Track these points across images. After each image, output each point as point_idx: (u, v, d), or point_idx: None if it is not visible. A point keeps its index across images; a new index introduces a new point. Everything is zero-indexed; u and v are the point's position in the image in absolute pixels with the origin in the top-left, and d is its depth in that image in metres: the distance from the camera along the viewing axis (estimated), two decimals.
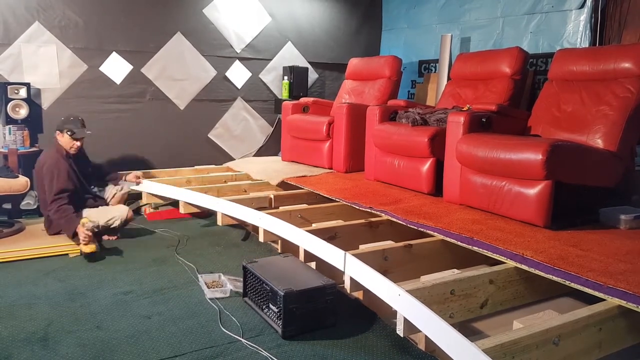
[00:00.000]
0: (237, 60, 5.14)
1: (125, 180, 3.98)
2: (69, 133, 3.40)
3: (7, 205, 3.93)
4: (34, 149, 4.14)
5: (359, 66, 5.04)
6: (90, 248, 3.06)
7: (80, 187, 3.54)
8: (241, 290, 2.55)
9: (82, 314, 2.37)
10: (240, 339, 2.16)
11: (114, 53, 4.51)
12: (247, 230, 3.71)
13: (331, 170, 4.42)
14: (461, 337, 1.65)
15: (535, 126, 3.39)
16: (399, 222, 2.88)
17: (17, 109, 4.04)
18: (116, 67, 4.54)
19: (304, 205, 3.50)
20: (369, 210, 3.13)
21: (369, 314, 2.41)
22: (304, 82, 5.33)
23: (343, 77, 5.32)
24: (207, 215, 4.04)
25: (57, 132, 3.43)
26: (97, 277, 2.84)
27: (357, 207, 3.23)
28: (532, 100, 3.93)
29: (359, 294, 2.48)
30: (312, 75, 5.59)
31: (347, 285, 2.34)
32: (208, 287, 2.58)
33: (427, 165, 3.45)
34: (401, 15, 5.62)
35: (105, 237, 3.42)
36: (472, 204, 3.07)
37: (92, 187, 3.85)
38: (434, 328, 1.79)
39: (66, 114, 3.56)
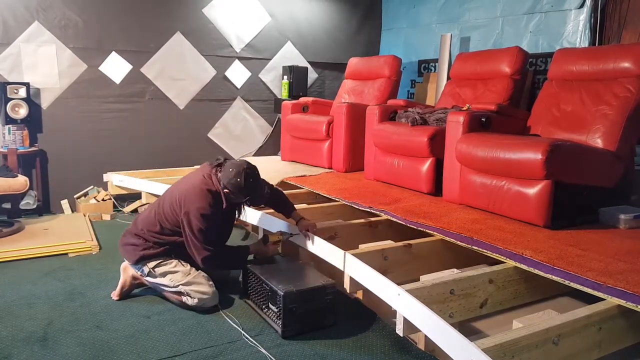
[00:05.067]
0: (237, 60, 5.14)
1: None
2: (248, 204, 2.71)
3: (7, 205, 3.93)
4: (33, 148, 4.14)
5: (358, 66, 5.04)
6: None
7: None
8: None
9: (82, 313, 2.37)
10: (240, 338, 2.16)
11: (113, 53, 4.51)
12: (246, 230, 3.70)
13: (331, 170, 4.42)
14: (461, 337, 1.65)
15: (535, 126, 3.39)
16: (399, 221, 2.88)
17: (16, 109, 4.04)
18: (116, 67, 4.54)
19: (304, 205, 3.50)
20: (369, 210, 3.13)
21: (368, 314, 2.41)
22: (304, 82, 5.32)
23: (343, 77, 5.32)
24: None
25: (226, 190, 2.41)
26: (96, 277, 2.84)
27: (357, 207, 3.22)
28: (531, 100, 3.93)
29: (359, 294, 2.48)
30: (312, 75, 5.59)
31: (347, 285, 2.34)
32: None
33: (426, 165, 3.45)
34: (401, 15, 5.62)
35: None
36: (471, 204, 3.07)
37: None
38: (434, 328, 1.79)
39: (235, 173, 2.37)
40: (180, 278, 2.43)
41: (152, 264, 2.47)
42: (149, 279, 2.50)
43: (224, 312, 2.40)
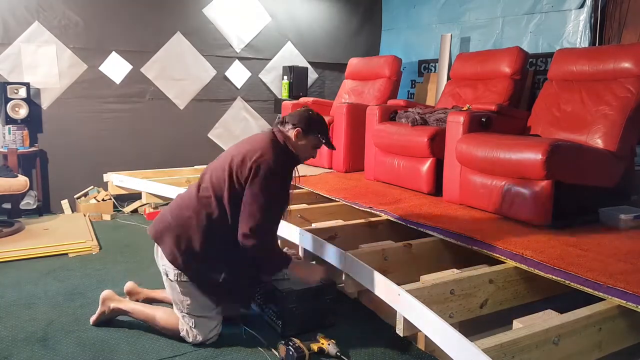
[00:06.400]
0: (237, 60, 5.14)
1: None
2: (323, 140, 2.22)
3: (7, 205, 3.93)
4: (33, 148, 4.14)
5: (358, 66, 5.04)
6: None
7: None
8: None
9: (82, 314, 2.37)
10: (240, 338, 2.16)
11: (113, 53, 4.51)
12: None
13: (331, 170, 4.42)
14: (461, 337, 1.65)
15: (535, 126, 3.39)
16: (399, 222, 2.88)
17: (16, 109, 4.04)
18: (116, 67, 4.54)
19: (304, 205, 3.50)
20: (369, 210, 3.13)
21: (368, 314, 2.40)
22: (304, 82, 5.32)
23: (343, 77, 5.32)
24: None
25: (298, 128, 2.15)
26: (97, 277, 2.84)
27: (357, 207, 3.22)
28: (532, 100, 3.93)
29: (358, 294, 2.48)
30: (312, 75, 5.59)
31: (346, 285, 2.34)
32: None
33: (426, 165, 3.45)
34: (401, 15, 5.62)
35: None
36: (472, 204, 3.07)
37: None
38: (434, 328, 1.79)
39: (303, 110, 2.26)
40: (192, 308, 2.08)
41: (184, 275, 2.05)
42: (174, 284, 2.09)
43: None
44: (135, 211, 4.38)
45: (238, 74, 5.16)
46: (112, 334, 2.18)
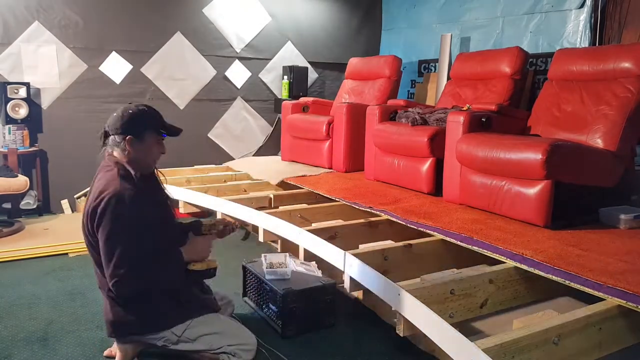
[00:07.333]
0: (237, 60, 5.14)
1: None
2: (161, 131, 2.02)
3: (7, 205, 3.93)
4: (33, 148, 4.15)
5: (358, 66, 5.04)
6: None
7: (171, 226, 2.08)
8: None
9: (82, 313, 2.37)
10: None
11: (113, 53, 4.51)
12: (247, 230, 3.71)
13: (331, 170, 4.42)
14: (461, 337, 1.65)
15: (535, 126, 3.39)
16: (399, 221, 2.88)
17: (16, 109, 4.04)
18: (116, 67, 4.54)
19: (304, 205, 3.50)
20: (369, 210, 3.13)
21: (368, 314, 2.40)
22: (304, 82, 5.32)
23: (343, 77, 5.32)
24: (206, 215, 4.04)
25: (128, 137, 1.92)
26: None
27: (357, 207, 3.22)
28: (532, 100, 3.93)
29: (358, 294, 2.48)
30: (312, 75, 5.59)
31: (347, 285, 2.34)
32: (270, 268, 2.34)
33: (426, 165, 3.45)
34: (401, 15, 5.62)
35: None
36: (472, 204, 3.07)
37: None
38: (434, 328, 1.79)
39: (120, 112, 1.98)
40: (222, 339, 1.86)
41: (178, 328, 1.83)
42: (179, 347, 1.86)
43: None
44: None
45: (238, 73, 5.16)
46: None
